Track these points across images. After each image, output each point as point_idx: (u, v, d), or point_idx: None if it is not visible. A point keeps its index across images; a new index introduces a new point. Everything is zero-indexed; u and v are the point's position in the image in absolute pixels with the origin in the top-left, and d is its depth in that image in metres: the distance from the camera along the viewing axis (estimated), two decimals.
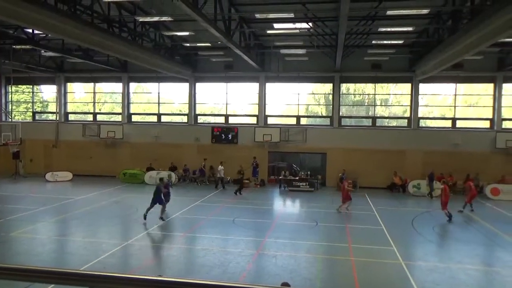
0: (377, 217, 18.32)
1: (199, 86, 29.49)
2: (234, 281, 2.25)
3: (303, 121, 28.54)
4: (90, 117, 31.44)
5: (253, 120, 28.72)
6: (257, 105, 28.46)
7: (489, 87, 26.21)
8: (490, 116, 26.10)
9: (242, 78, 28.42)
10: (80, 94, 32.86)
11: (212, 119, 29.90)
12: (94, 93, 31.62)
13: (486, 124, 26.22)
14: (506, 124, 25.91)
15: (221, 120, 29.36)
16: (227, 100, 29.12)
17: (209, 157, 27.60)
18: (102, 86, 31.93)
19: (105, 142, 29.63)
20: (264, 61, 27.43)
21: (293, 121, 28.39)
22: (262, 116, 28.29)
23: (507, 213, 18.71)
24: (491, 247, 14.42)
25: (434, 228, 16.38)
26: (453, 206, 18.32)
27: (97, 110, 31.63)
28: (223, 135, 28.38)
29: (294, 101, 28.45)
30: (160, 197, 16.56)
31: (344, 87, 28.03)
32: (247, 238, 14.72)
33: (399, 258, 12.59)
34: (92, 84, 31.38)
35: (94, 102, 31.62)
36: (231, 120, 29.12)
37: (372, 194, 24.01)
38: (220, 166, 25.23)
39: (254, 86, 28.49)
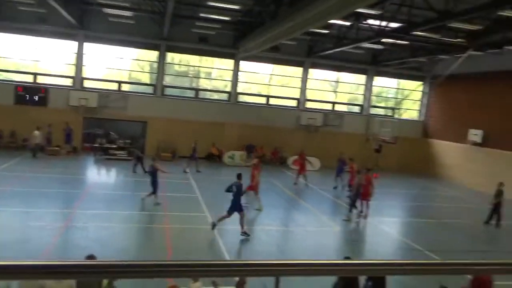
0: (193, 185, 18.93)
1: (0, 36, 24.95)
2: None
3: (125, 87, 27.18)
4: None
5: (68, 82, 25.96)
6: (74, 65, 25.75)
7: (299, 71, 29.46)
8: (298, 97, 29.49)
9: (57, 34, 25.03)
10: None
11: (16, 77, 25.77)
12: None
13: (294, 103, 29.56)
14: (309, 104, 29.69)
15: (29, 78, 25.59)
16: (37, 56, 25.46)
17: (11, 121, 23.93)
18: None
19: None
20: (83, 18, 24.76)
21: (114, 86, 26.73)
22: (78, 78, 25.74)
23: (303, 180, 21.42)
24: (289, 210, 16.53)
25: (244, 195, 17.77)
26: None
27: None
28: (28, 95, 24.78)
29: (117, 65, 26.74)
30: (239, 202, 12.45)
31: (170, 56, 27.65)
32: (54, 211, 13.43)
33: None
34: None
35: None
36: (41, 79, 25.66)
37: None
38: (36, 131, 22.36)
39: (72, 45, 25.58)
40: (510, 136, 23.20)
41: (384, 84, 31.45)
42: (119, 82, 26.79)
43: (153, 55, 27.27)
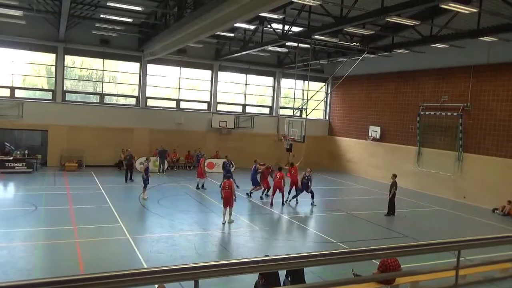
0: (104, 195, 18.03)
1: None
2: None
3: (19, 93, 24.92)
4: None
5: None
6: None
7: (207, 74, 29.48)
8: (208, 100, 29.51)
9: None
10: None
11: None
12: None
13: (204, 106, 29.52)
14: (220, 107, 29.87)
15: None
16: None
17: None
18: None
19: None
20: None
21: (6, 93, 24.36)
22: None
23: (218, 182, 21.47)
24: (207, 213, 16.50)
25: (160, 202, 17.41)
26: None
27: None
28: None
29: (9, 69, 24.38)
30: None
31: (69, 59, 25.94)
32: None
33: (126, 233, 12.84)
34: None
35: None
36: None
37: (100, 172, 23.41)
38: None
39: None
40: (402, 130, 25.70)
41: (291, 86, 32.76)
42: (12, 88, 24.49)
43: (50, 58, 25.38)
